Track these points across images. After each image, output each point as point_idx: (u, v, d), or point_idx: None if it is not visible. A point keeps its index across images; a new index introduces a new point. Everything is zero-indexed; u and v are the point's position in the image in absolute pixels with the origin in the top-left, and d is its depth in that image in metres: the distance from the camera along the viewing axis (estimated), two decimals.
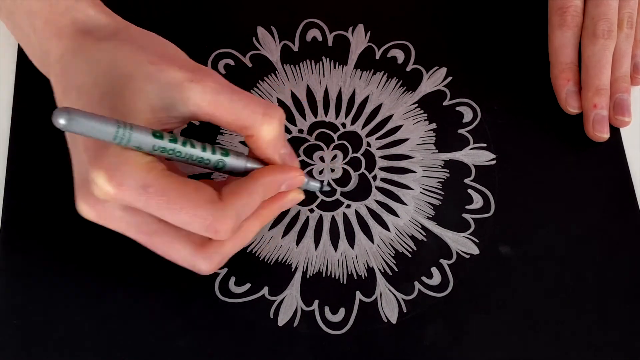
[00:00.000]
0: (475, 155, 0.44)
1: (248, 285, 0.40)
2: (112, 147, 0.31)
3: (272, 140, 0.34)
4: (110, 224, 0.33)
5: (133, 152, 0.31)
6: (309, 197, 0.42)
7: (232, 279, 0.40)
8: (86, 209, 0.33)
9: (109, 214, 0.33)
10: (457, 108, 0.46)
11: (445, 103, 0.46)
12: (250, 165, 0.35)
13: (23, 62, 0.45)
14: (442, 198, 0.43)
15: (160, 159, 0.32)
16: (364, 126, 0.45)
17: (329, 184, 0.42)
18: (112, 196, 0.31)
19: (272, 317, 0.39)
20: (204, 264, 0.34)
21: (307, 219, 0.42)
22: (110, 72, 0.33)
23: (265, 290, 0.40)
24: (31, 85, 0.44)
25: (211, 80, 0.33)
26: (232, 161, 0.35)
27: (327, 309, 0.40)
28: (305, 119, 0.45)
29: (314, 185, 0.40)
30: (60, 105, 0.34)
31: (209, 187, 0.33)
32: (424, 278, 0.41)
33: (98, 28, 0.36)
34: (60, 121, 0.28)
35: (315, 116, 0.45)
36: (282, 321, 0.39)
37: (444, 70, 0.47)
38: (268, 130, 0.34)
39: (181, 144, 0.32)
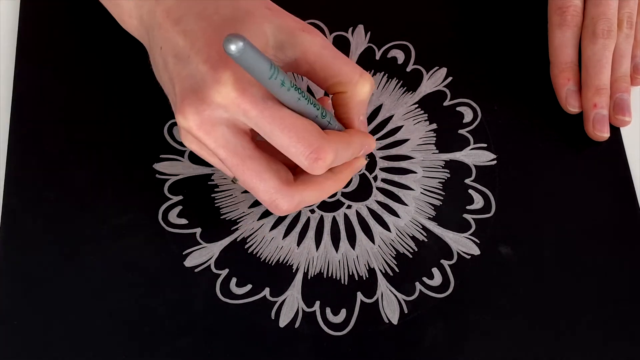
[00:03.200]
0: (476, 156, 0.44)
1: (249, 287, 0.40)
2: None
3: (362, 102, 0.37)
4: (207, 137, 0.34)
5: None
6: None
7: (233, 280, 0.40)
8: (192, 116, 0.33)
9: (213, 125, 0.33)
10: (458, 108, 0.46)
11: (446, 103, 0.46)
12: (333, 124, 0.37)
13: (23, 61, 0.45)
14: (442, 198, 0.43)
15: None
16: None
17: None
18: (232, 99, 0.32)
19: (273, 318, 0.39)
20: (285, 201, 0.35)
21: (308, 220, 0.42)
22: (231, 4, 0.35)
23: (266, 291, 0.40)
24: (31, 85, 0.44)
25: (320, 36, 0.35)
26: (327, 118, 0.36)
27: (328, 310, 0.40)
28: None
29: None
30: (166, 29, 0.35)
31: (316, 124, 0.34)
32: (425, 279, 0.41)
33: None
34: (232, 47, 0.27)
35: None
36: (283, 322, 0.39)
37: (444, 70, 0.47)
38: (362, 91, 0.36)
39: (306, 98, 0.33)
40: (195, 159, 0.43)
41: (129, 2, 0.38)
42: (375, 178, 0.43)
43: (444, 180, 0.44)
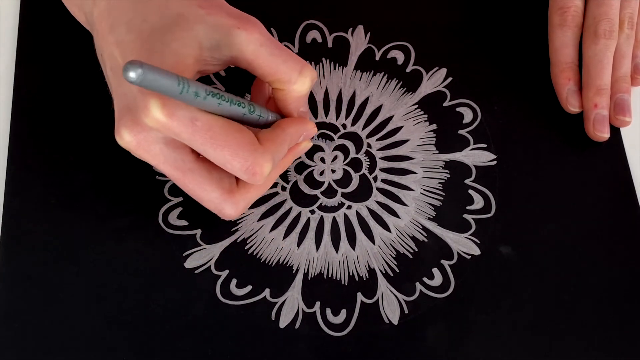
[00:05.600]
0: (476, 156, 0.44)
1: (249, 288, 0.40)
2: None
3: (300, 98, 0.37)
4: (147, 155, 0.34)
5: None
6: (310, 198, 0.42)
7: (234, 281, 0.40)
8: (128, 137, 0.33)
9: (149, 144, 0.34)
10: (458, 109, 0.46)
11: (446, 104, 0.46)
12: (265, 116, 0.37)
13: (23, 61, 0.45)
14: (442, 199, 0.43)
15: None
16: (364, 127, 0.45)
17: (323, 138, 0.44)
18: (162, 124, 0.32)
19: (273, 319, 0.39)
20: (231, 208, 0.37)
21: (308, 221, 0.42)
22: (160, 10, 0.34)
23: (266, 292, 0.40)
24: (32, 86, 0.44)
25: (257, 31, 0.34)
26: (257, 113, 0.36)
27: (328, 311, 0.40)
28: None
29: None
30: (103, 36, 0.35)
31: (249, 131, 0.34)
32: (425, 279, 0.41)
33: None
34: (131, 75, 0.28)
35: (316, 117, 0.45)
36: (283, 323, 0.39)
37: (444, 71, 0.46)
38: (299, 89, 0.36)
39: (227, 100, 0.33)
40: None
41: None
42: (375, 179, 0.43)
43: (444, 181, 0.44)
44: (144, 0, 0.35)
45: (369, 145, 0.44)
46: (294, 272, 0.41)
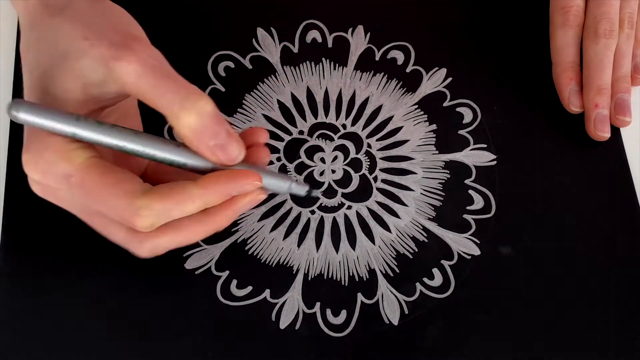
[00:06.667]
0: (476, 156, 0.44)
1: (249, 288, 0.40)
2: (38, 133, 0.31)
3: (192, 134, 0.31)
4: (57, 202, 0.34)
5: (57, 138, 0.31)
6: (311, 199, 0.42)
7: (234, 282, 0.40)
8: (34, 185, 0.33)
9: (55, 191, 0.33)
10: (457, 109, 0.46)
11: (446, 104, 0.46)
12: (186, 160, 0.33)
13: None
14: (442, 199, 0.43)
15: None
16: (364, 127, 0.45)
17: (310, 190, 0.38)
18: (39, 182, 0.32)
19: (273, 319, 0.39)
20: (137, 248, 0.34)
21: (309, 221, 0.42)
22: (50, 50, 0.32)
23: (266, 293, 0.40)
24: None
25: (136, 60, 0.30)
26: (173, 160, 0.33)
27: (328, 311, 0.40)
28: (305, 120, 0.45)
29: (282, 187, 0.36)
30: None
31: (135, 179, 0.32)
32: (425, 279, 0.41)
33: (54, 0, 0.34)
34: (13, 112, 0.29)
35: (316, 117, 0.45)
36: (283, 324, 0.39)
37: (443, 71, 0.46)
38: (185, 124, 0.30)
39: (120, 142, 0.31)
40: None
41: None
42: (375, 179, 0.43)
43: (444, 181, 0.44)
44: (41, 39, 0.33)
45: (369, 146, 0.44)
46: (294, 272, 0.41)
